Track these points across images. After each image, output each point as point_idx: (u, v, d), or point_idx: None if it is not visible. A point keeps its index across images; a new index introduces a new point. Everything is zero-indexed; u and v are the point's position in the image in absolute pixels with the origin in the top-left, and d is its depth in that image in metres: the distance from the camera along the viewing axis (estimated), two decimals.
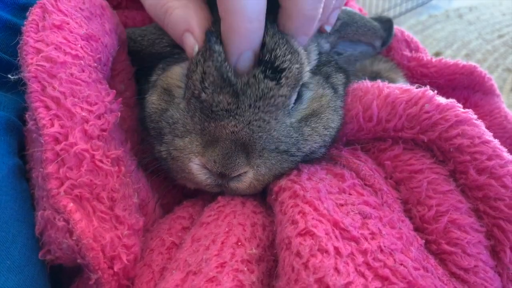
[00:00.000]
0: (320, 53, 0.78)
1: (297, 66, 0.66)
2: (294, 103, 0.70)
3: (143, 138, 0.79)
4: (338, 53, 0.86)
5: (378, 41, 0.92)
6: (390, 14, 4.57)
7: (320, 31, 0.79)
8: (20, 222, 0.59)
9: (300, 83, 0.69)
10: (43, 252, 0.59)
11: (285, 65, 0.65)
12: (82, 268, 0.59)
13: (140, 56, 0.83)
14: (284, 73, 0.65)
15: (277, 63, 0.64)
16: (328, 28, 0.78)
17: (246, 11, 0.60)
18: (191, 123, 0.66)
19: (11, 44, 0.71)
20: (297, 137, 0.68)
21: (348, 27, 0.85)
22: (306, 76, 0.70)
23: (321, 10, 0.66)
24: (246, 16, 0.60)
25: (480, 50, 3.93)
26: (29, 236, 0.59)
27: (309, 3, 0.64)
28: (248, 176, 0.66)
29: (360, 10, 1.13)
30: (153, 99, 0.74)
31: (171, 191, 0.82)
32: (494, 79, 0.96)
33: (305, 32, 0.69)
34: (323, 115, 0.72)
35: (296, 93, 0.69)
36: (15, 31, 0.69)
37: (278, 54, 0.65)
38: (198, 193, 0.80)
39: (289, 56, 0.65)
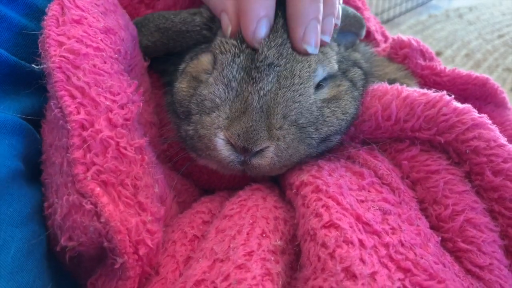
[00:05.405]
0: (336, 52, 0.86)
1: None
2: (316, 89, 0.78)
3: (164, 124, 0.86)
4: (338, 44, 0.92)
5: (362, 30, 0.99)
6: (390, 14, 4.68)
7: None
8: (14, 227, 0.61)
9: (327, 66, 0.80)
10: (65, 239, 0.62)
11: None
12: (105, 255, 0.63)
13: (169, 35, 0.89)
14: None
15: None
16: (326, 38, 0.83)
17: None
18: (224, 91, 0.73)
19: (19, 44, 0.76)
20: (317, 115, 0.75)
21: (345, 19, 0.92)
22: (334, 66, 0.81)
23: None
24: None
25: (480, 50, 4.03)
26: (26, 241, 0.61)
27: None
28: (269, 151, 0.71)
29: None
30: (182, 86, 0.81)
31: (187, 189, 0.88)
32: (494, 79, 1.00)
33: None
34: (341, 101, 0.80)
35: (320, 76, 0.79)
36: (23, 32, 0.75)
37: None
38: (215, 191, 0.87)
39: None
